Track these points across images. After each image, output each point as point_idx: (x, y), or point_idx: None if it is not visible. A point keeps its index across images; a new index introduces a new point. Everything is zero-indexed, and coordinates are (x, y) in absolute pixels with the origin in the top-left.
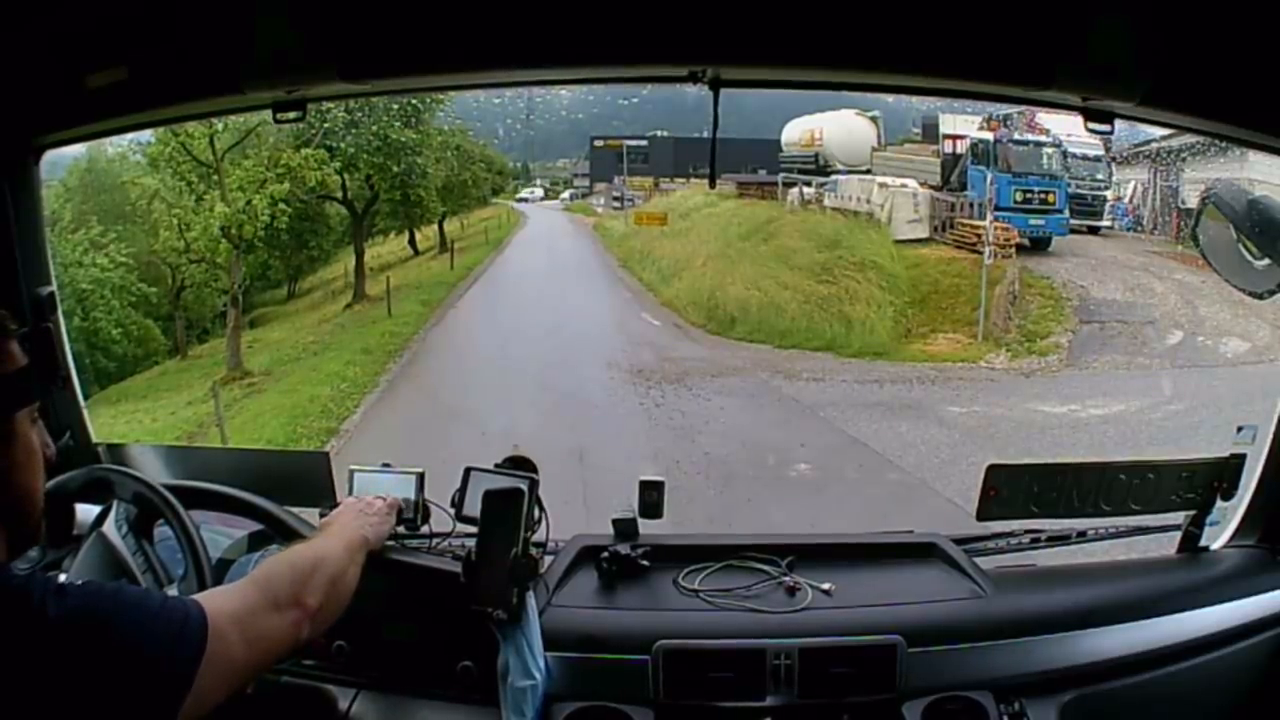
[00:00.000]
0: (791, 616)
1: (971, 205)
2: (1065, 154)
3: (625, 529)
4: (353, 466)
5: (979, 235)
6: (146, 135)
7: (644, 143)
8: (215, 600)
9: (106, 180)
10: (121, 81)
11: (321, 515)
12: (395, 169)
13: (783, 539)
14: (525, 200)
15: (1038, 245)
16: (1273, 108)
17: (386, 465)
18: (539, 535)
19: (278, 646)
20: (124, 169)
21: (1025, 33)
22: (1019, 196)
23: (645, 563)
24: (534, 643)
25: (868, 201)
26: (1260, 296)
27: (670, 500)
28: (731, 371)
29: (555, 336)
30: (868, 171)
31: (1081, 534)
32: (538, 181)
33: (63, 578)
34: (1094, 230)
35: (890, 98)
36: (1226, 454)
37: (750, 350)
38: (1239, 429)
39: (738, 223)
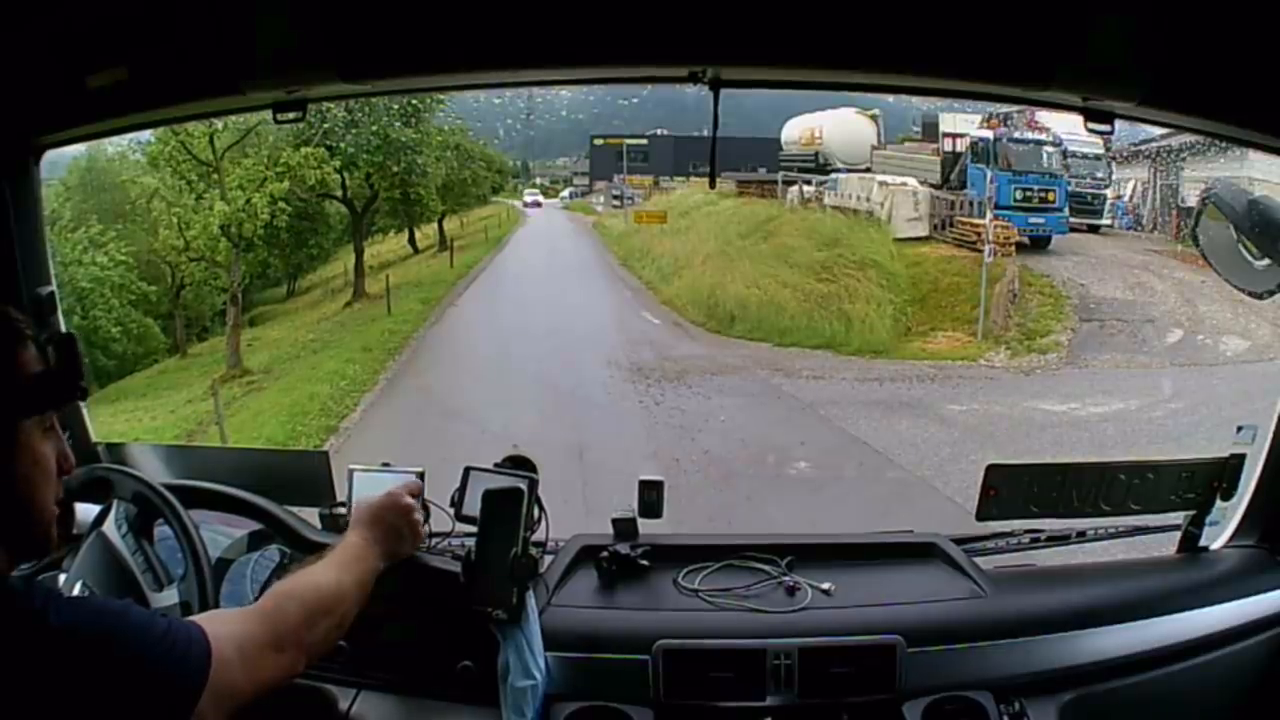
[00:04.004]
0: (791, 616)
1: (971, 203)
2: (1065, 152)
3: (625, 529)
4: (352, 466)
5: (979, 233)
6: (146, 134)
7: (644, 141)
8: (221, 627)
9: (106, 179)
10: (121, 81)
11: (323, 515)
12: (395, 168)
13: (782, 539)
14: (534, 203)
15: (1037, 243)
16: (1273, 108)
17: (386, 464)
18: (539, 535)
19: (274, 682)
20: (124, 168)
21: (1025, 33)
22: (1019, 195)
23: (645, 562)
24: (534, 643)
25: (867, 200)
26: (1260, 296)
27: (670, 498)
28: (731, 370)
29: (555, 335)
30: (867, 170)
31: (1081, 534)
32: (537, 180)
33: (62, 578)
34: (1094, 229)
35: (890, 96)
36: (1226, 454)
37: (750, 348)
38: (1239, 429)
39: (737, 221)
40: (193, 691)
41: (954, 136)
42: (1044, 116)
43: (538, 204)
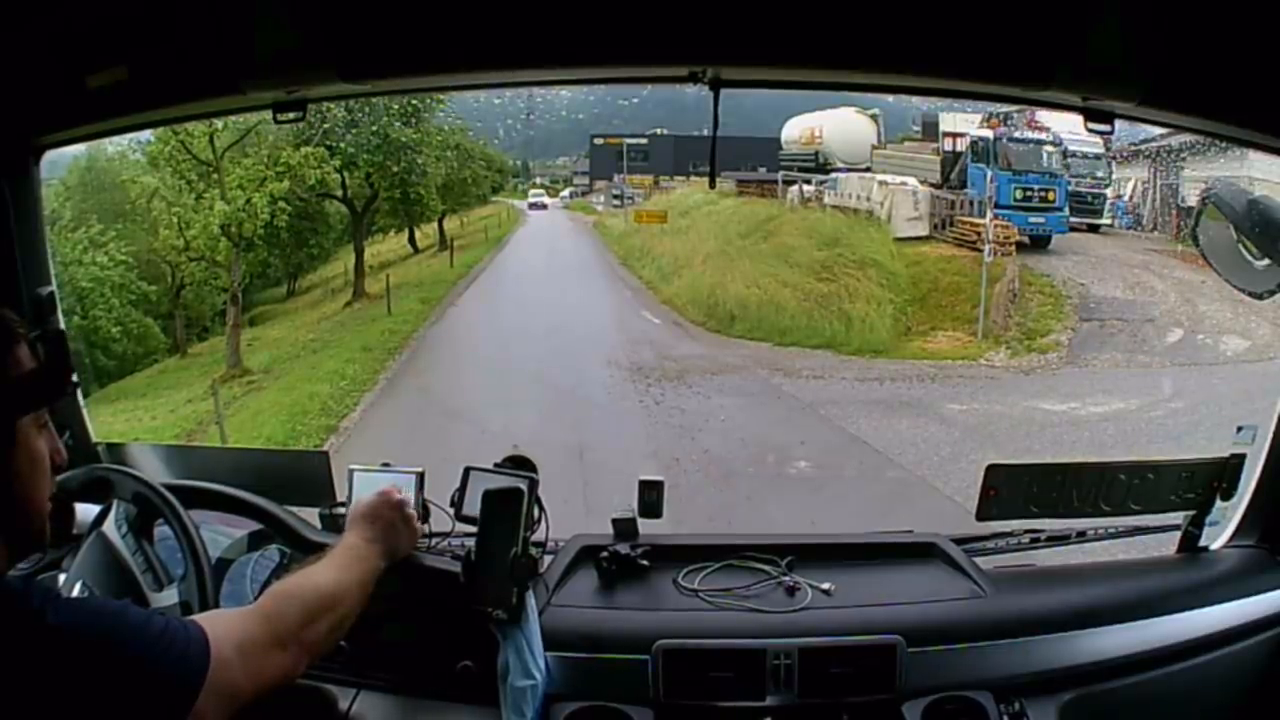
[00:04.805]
0: (791, 616)
1: (971, 203)
2: (1065, 152)
3: (625, 529)
4: (352, 466)
5: (979, 233)
6: (146, 134)
7: (644, 141)
8: (220, 626)
9: (106, 178)
10: (121, 81)
11: (323, 515)
12: (395, 167)
13: (782, 539)
14: (539, 205)
15: (1038, 243)
16: (1273, 108)
17: (386, 464)
18: (539, 535)
19: (275, 681)
20: (124, 167)
21: (1025, 33)
22: (1019, 194)
23: (645, 562)
24: (534, 643)
25: (867, 199)
26: (1260, 296)
27: (670, 498)
28: (731, 369)
29: (555, 334)
30: (868, 169)
31: (1081, 534)
32: (538, 179)
33: (62, 578)
34: (1094, 228)
35: (890, 96)
36: (1226, 454)
37: (750, 348)
38: (1239, 429)
39: (737, 221)
40: (191, 690)
41: (954, 136)
42: (1044, 116)
43: (543, 206)
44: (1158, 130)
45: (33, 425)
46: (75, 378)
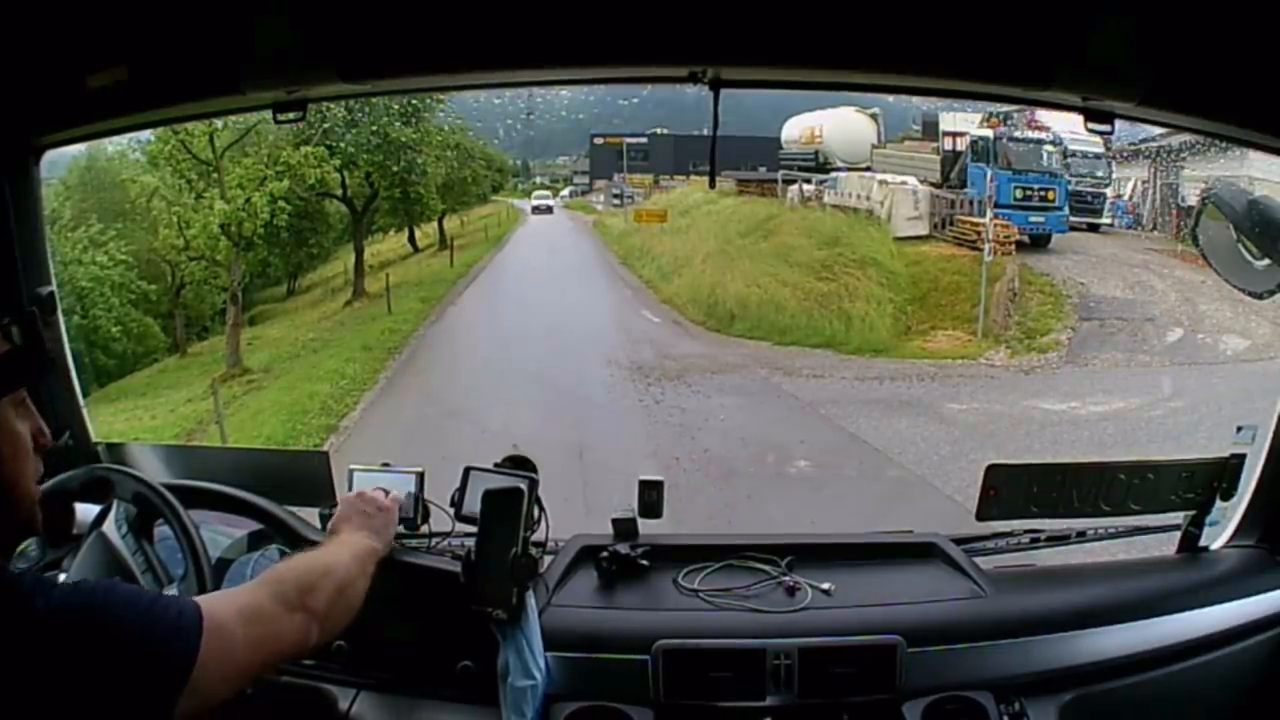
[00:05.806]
0: (791, 616)
1: (971, 202)
2: (1065, 151)
3: (625, 529)
4: (352, 465)
5: (979, 232)
6: (146, 133)
7: (644, 140)
8: (219, 599)
9: (106, 178)
10: (121, 81)
11: (323, 515)
12: (395, 167)
13: (782, 539)
14: (544, 208)
15: (1038, 242)
16: (1273, 108)
17: (386, 464)
18: (539, 535)
19: (283, 648)
20: (124, 167)
21: (1025, 33)
22: (1019, 194)
23: (645, 562)
24: (534, 642)
25: (867, 199)
26: (1260, 296)
27: (670, 498)
28: (731, 369)
29: (555, 334)
30: (868, 168)
31: (1081, 534)
32: (537, 179)
33: (62, 578)
34: (1094, 228)
35: (890, 96)
36: (1226, 454)
37: (750, 347)
38: (1239, 429)
39: (737, 220)
40: (184, 661)
41: (954, 135)
42: (1044, 115)
43: (548, 209)
44: (1158, 130)
45: (11, 407)
46: (59, 363)
